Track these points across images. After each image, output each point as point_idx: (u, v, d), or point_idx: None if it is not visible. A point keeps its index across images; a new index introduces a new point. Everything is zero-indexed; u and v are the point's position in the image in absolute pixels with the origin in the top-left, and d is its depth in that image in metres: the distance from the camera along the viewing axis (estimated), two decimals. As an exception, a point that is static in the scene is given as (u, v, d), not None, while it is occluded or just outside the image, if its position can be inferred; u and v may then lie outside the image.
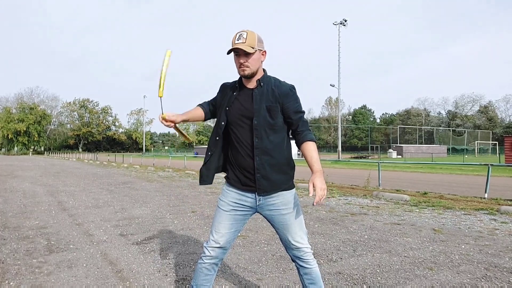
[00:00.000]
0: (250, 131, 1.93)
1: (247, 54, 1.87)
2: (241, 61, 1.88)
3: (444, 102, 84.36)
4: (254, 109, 1.91)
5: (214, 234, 1.98)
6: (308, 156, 1.87)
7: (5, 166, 22.85)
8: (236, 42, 1.87)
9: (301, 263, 2.00)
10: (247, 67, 1.89)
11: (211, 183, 2.08)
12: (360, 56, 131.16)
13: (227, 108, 1.99)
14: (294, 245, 1.97)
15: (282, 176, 1.97)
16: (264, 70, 2.01)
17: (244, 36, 1.87)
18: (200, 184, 2.07)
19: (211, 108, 2.13)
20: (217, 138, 2.01)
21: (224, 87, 2.09)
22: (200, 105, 2.12)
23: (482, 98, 78.36)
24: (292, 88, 1.97)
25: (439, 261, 3.43)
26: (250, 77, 1.94)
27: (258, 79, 1.96)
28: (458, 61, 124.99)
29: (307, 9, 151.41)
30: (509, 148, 22.39)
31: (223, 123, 1.99)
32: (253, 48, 1.87)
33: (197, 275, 2.02)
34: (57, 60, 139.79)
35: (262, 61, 1.97)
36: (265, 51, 1.97)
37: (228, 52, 1.92)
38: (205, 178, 2.06)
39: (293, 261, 2.04)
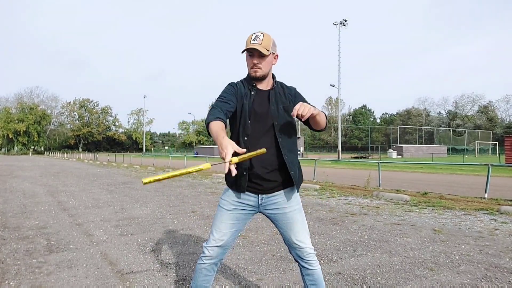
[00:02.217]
0: (270, 132, 1.92)
1: (261, 56, 1.89)
2: (255, 61, 1.90)
3: (444, 102, 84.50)
4: (271, 110, 1.92)
5: (214, 234, 1.97)
6: None
7: (5, 166, 22.85)
8: (252, 42, 1.88)
9: (303, 264, 1.99)
10: (260, 68, 1.91)
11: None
12: (360, 56, 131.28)
13: (248, 107, 1.93)
14: (297, 244, 1.97)
15: (300, 172, 2.05)
16: (273, 74, 2.04)
17: (261, 37, 1.88)
18: (238, 192, 1.95)
19: (228, 113, 1.90)
20: (246, 138, 1.92)
21: (238, 86, 1.99)
22: (219, 118, 1.78)
23: (482, 98, 78.50)
24: (296, 89, 2.08)
25: (439, 261, 3.43)
26: (260, 79, 1.95)
27: (273, 81, 2.00)
28: (458, 61, 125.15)
29: (307, 9, 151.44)
30: (509, 148, 22.37)
31: (249, 121, 1.91)
32: (268, 50, 1.88)
33: (197, 275, 2.02)
34: (57, 60, 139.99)
35: (273, 65, 1.99)
36: (277, 55, 1.99)
37: (243, 51, 1.92)
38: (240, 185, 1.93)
39: (296, 261, 2.04)
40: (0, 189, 9.57)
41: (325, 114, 1.91)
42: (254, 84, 1.98)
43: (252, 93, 1.96)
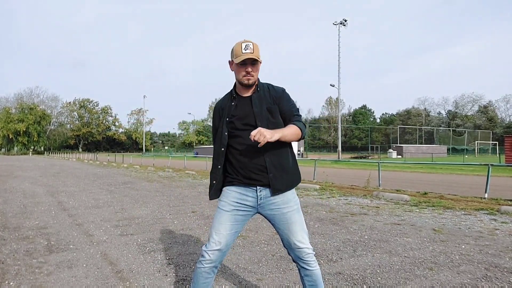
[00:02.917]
0: None
1: (254, 64, 1.94)
2: (249, 70, 1.95)
3: (444, 102, 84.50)
4: (255, 112, 1.96)
5: (214, 236, 1.96)
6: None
7: (5, 166, 22.85)
8: (245, 51, 1.93)
9: (302, 265, 1.99)
10: (252, 76, 1.96)
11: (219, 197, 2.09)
12: (360, 56, 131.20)
13: (228, 119, 2.02)
14: (296, 245, 1.97)
15: (291, 176, 2.03)
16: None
17: (251, 46, 1.93)
18: (210, 199, 2.11)
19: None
20: (223, 149, 2.03)
21: (219, 107, 2.12)
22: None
23: (482, 98, 78.50)
24: (284, 90, 2.09)
25: (439, 261, 3.43)
26: (252, 85, 2.00)
27: (256, 85, 2.04)
28: (458, 61, 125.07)
29: (307, 9, 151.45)
30: (509, 148, 22.36)
31: (226, 133, 2.02)
32: (259, 58, 1.95)
33: (197, 279, 2.00)
34: (57, 60, 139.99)
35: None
36: (261, 61, 2.05)
37: (240, 63, 1.94)
38: (215, 192, 2.09)
39: (294, 261, 2.04)
40: (0, 189, 9.57)
41: (299, 126, 1.96)
42: (234, 95, 2.04)
43: (233, 103, 2.03)
